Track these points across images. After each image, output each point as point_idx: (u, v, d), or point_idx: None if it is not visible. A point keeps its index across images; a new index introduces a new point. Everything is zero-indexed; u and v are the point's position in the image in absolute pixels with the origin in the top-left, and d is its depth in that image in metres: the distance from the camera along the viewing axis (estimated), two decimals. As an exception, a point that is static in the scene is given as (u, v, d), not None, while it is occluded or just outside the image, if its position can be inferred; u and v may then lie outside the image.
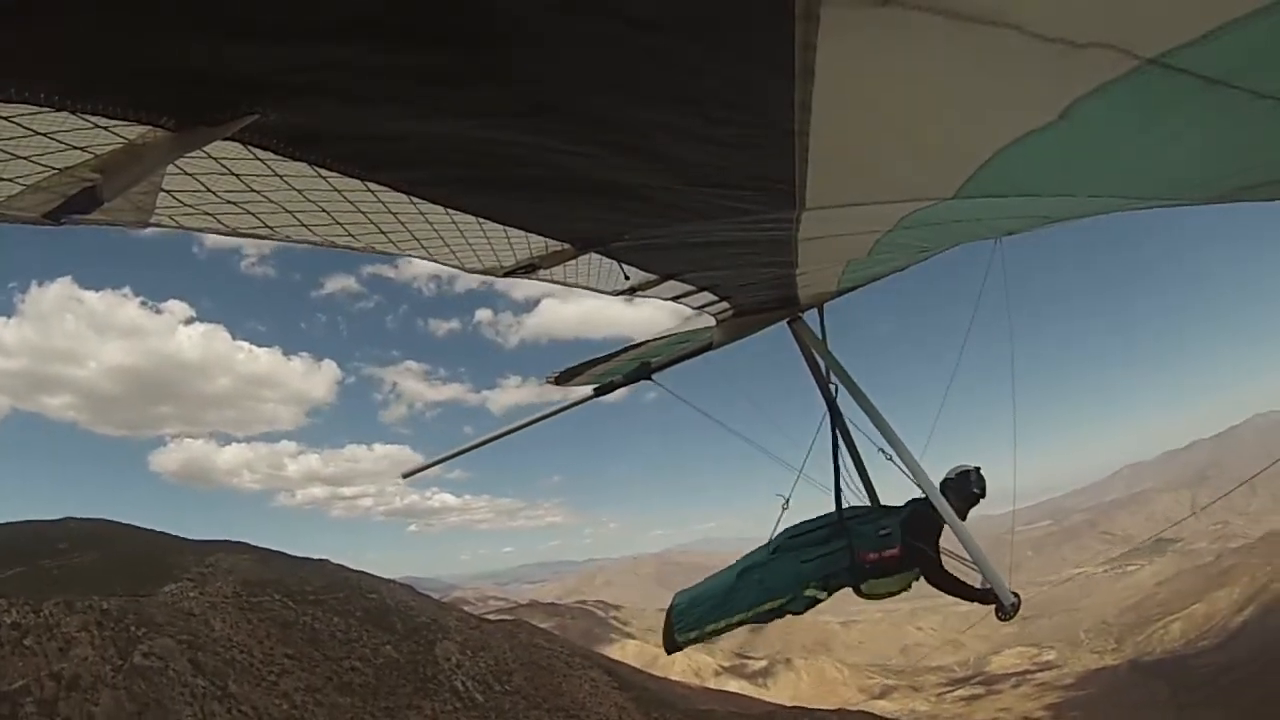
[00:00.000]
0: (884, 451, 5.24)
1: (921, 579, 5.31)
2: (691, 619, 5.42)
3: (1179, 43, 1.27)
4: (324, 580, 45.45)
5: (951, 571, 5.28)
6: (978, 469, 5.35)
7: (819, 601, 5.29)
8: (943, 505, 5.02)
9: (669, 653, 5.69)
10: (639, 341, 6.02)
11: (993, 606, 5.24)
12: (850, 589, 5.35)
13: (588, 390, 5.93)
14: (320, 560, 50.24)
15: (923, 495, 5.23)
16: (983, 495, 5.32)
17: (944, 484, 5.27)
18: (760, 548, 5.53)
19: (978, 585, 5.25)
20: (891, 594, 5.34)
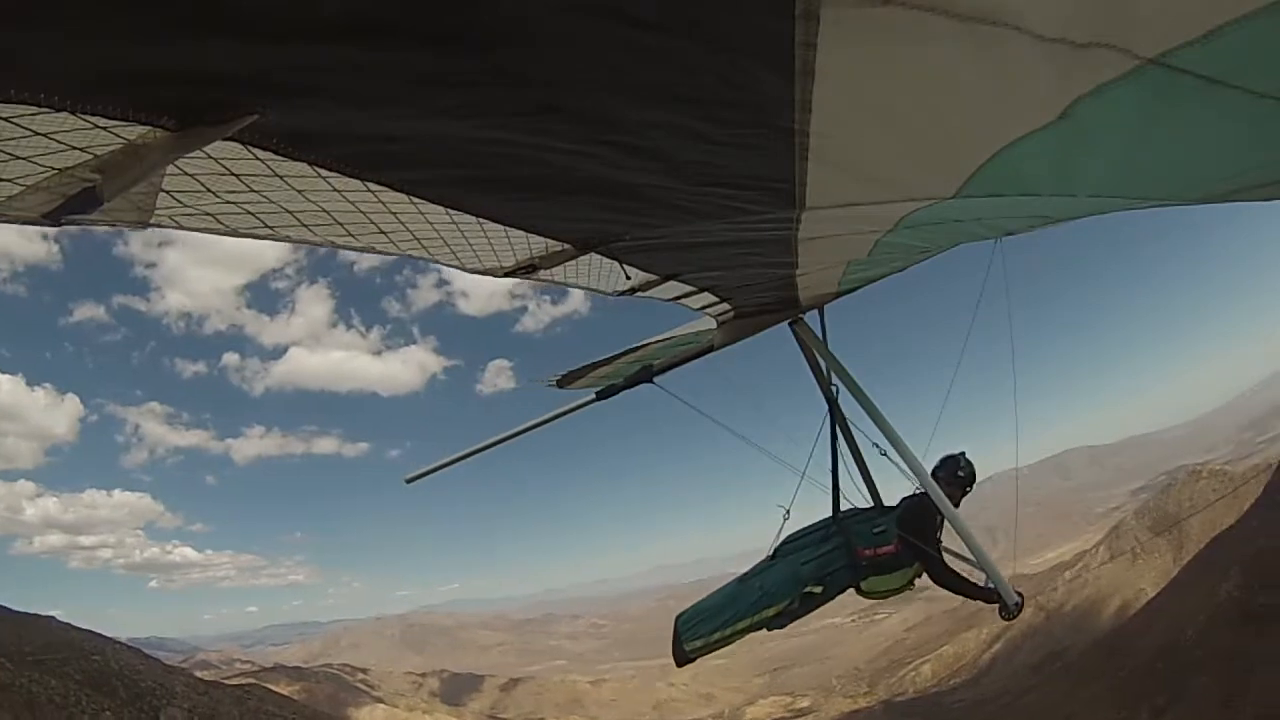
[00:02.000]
0: (878, 446, 5.29)
1: (925, 578, 5.34)
2: (696, 629, 5.38)
3: (1179, 43, 1.27)
4: (45, 640, 42.07)
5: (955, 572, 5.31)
6: (963, 454, 5.43)
7: (820, 600, 5.30)
8: (939, 497, 5.04)
9: (679, 665, 5.57)
10: (639, 344, 6.01)
11: (995, 606, 5.29)
12: (852, 589, 5.38)
13: (590, 394, 5.92)
14: (46, 617, 47.10)
15: (917, 492, 5.28)
16: (970, 480, 5.38)
17: (934, 473, 5.32)
18: (762, 560, 5.54)
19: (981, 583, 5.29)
20: (893, 591, 5.37)
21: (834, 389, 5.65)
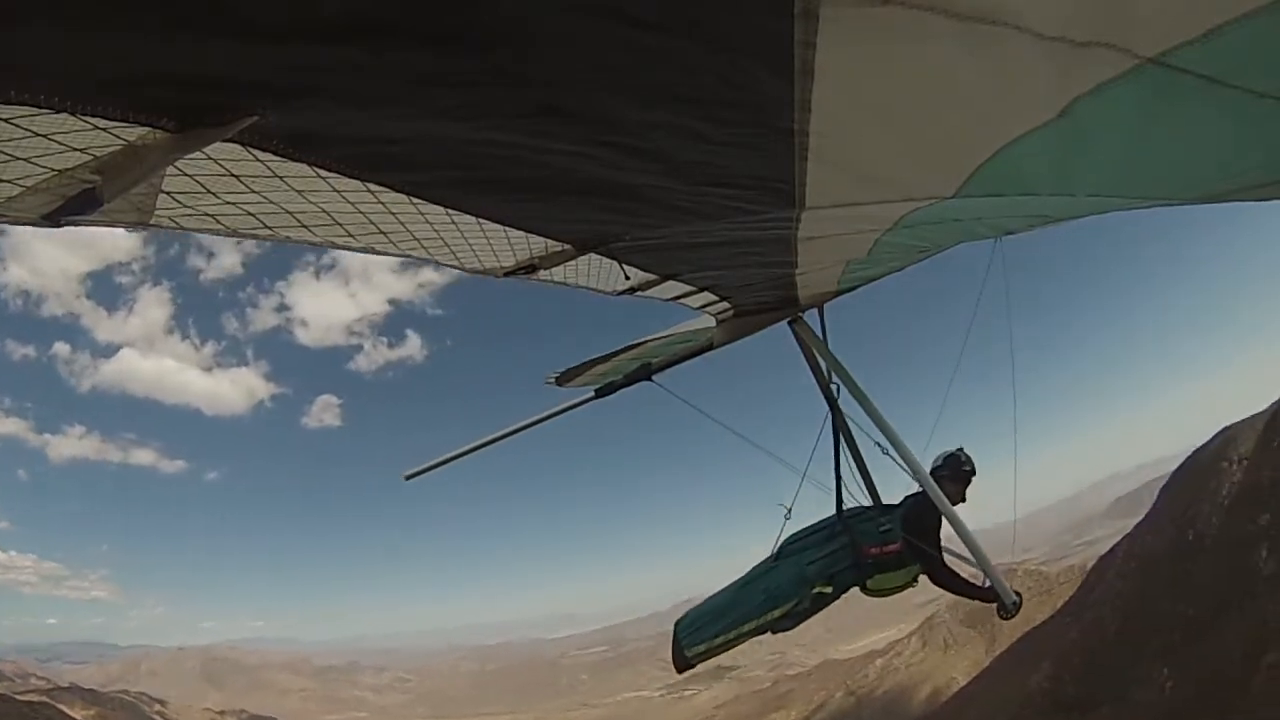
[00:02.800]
0: (880, 445, 5.27)
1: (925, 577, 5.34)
2: (698, 634, 5.25)
3: (1179, 42, 1.28)
4: None
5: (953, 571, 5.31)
6: (961, 449, 5.44)
7: (827, 600, 5.26)
8: (939, 497, 5.05)
9: (679, 671, 5.38)
10: (638, 341, 6.00)
11: (994, 605, 5.30)
12: (858, 588, 5.34)
13: (589, 391, 5.91)
14: None
15: (919, 490, 5.27)
16: (974, 473, 5.39)
17: (935, 471, 5.32)
18: (762, 561, 5.48)
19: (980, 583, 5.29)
20: (897, 589, 5.34)
21: (835, 387, 5.63)
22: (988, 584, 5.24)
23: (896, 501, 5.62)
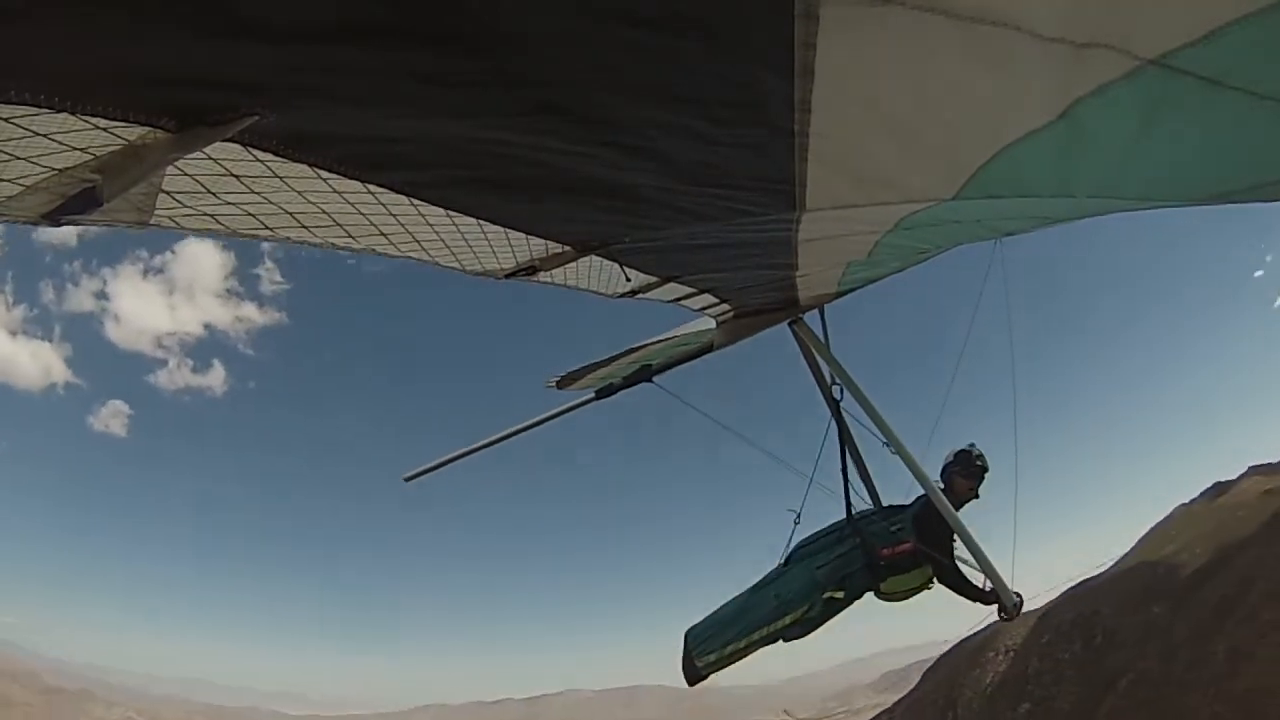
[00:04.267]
0: (888, 445, 5.22)
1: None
2: (709, 643, 5.17)
3: (1179, 43, 1.27)
4: None
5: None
6: (973, 444, 5.39)
7: (840, 605, 5.19)
8: (939, 498, 5.03)
9: (691, 683, 5.31)
10: (639, 344, 6.00)
11: (995, 606, 5.29)
12: (871, 592, 5.26)
13: (589, 393, 5.91)
14: None
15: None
16: (986, 468, 5.33)
17: (948, 468, 5.29)
18: (774, 568, 5.41)
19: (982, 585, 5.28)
20: (911, 592, 5.27)
21: (839, 389, 5.61)
22: (989, 586, 5.23)
23: (891, 505, 5.61)
